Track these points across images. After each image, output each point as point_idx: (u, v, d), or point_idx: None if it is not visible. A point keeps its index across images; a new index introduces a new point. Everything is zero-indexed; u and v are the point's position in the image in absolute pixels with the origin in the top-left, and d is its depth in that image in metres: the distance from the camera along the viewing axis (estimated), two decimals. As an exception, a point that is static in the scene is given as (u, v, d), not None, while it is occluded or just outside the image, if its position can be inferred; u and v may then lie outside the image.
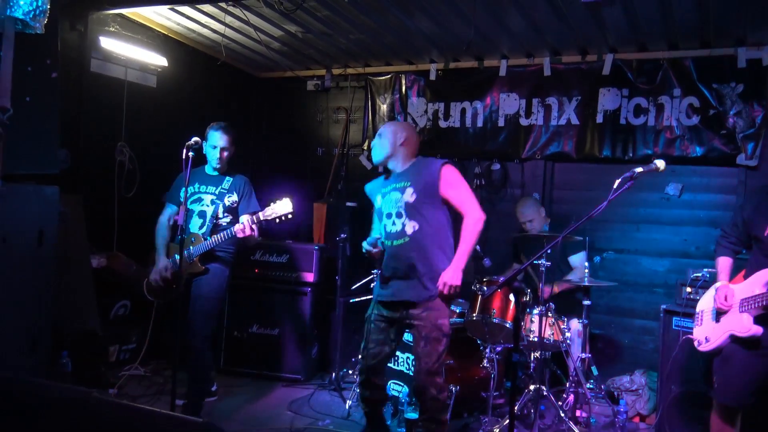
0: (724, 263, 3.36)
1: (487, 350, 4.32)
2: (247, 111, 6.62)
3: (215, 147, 4.10)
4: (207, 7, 4.84)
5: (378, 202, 3.60)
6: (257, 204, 4.19)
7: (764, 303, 2.95)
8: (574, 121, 5.47)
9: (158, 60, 5.44)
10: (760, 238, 3.13)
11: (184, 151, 3.54)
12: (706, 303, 3.37)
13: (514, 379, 2.52)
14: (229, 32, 5.40)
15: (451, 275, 3.28)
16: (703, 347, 3.27)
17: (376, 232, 3.63)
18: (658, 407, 4.15)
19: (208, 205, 4.12)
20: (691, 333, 3.47)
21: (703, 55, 5.03)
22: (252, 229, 3.86)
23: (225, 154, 4.13)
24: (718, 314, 3.23)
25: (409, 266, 3.36)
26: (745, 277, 3.18)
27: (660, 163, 2.78)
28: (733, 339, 3.10)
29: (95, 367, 4.15)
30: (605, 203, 2.60)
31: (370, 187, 3.75)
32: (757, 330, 2.98)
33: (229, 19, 5.05)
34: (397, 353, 4.38)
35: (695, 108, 5.03)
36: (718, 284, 3.30)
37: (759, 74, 4.83)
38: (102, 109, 5.09)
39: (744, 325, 3.02)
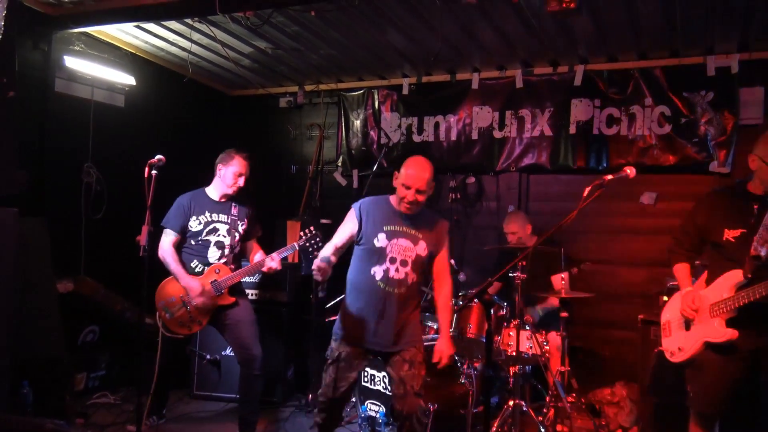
0: (683, 270, 3.31)
1: (465, 366, 4.23)
2: (219, 129, 6.53)
3: (240, 175, 4.13)
4: (174, 24, 4.79)
5: (378, 240, 3.32)
6: (260, 227, 4.39)
7: (736, 305, 2.91)
8: (548, 132, 5.46)
9: (126, 79, 5.35)
10: (719, 244, 3.09)
11: (147, 169, 3.45)
12: (672, 312, 3.32)
13: (487, 394, 2.45)
14: (197, 49, 5.33)
15: (447, 346, 3.32)
16: (677, 358, 3.20)
17: (331, 247, 3.39)
18: (639, 419, 4.08)
19: (224, 236, 4.14)
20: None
21: (672, 64, 5.05)
22: (279, 263, 4.11)
23: (244, 183, 4.17)
24: (688, 322, 3.18)
25: (399, 313, 3.32)
26: (708, 282, 3.14)
27: (630, 170, 2.74)
28: (708, 346, 3.05)
29: (59, 396, 3.99)
30: (575, 212, 2.56)
31: (366, 209, 3.40)
32: (733, 333, 2.93)
33: (196, 36, 4.99)
34: (374, 372, 4.28)
35: (667, 117, 5.04)
36: (682, 291, 3.25)
37: (728, 82, 4.86)
38: (67, 129, 4.97)
39: (718, 331, 2.97)
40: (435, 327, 4.68)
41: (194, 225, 4.08)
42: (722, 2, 4.01)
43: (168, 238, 4.06)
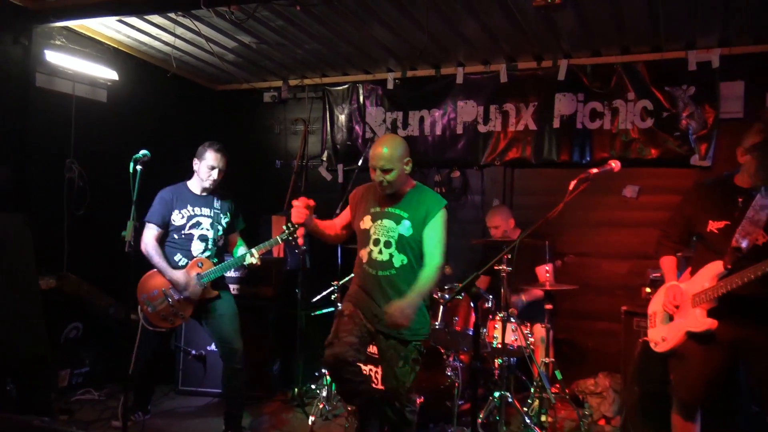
0: (669, 263, 3.35)
1: (451, 359, 4.26)
2: (204, 124, 6.48)
3: (213, 168, 4.06)
4: (157, 18, 4.74)
5: (364, 222, 3.30)
6: (242, 220, 4.37)
7: (715, 295, 2.96)
8: (532, 126, 5.50)
9: (108, 74, 5.29)
10: (703, 235, 3.14)
11: (132, 164, 3.43)
12: (657, 304, 3.37)
13: (475, 386, 2.47)
14: (180, 44, 5.29)
15: (400, 311, 2.96)
16: (660, 348, 3.26)
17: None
18: (622, 409, 4.14)
19: (208, 229, 4.13)
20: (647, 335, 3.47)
21: (654, 58, 5.10)
22: (259, 259, 4.09)
23: (221, 176, 4.10)
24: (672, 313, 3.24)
25: (391, 299, 3.11)
26: (692, 273, 3.20)
27: (615, 163, 2.77)
28: (690, 335, 3.10)
29: (44, 393, 3.96)
30: (560, 205, 2.57)
31: (358, 194, 3.44)
32: (712, 323, 2.99)
33: (180, 31, 4.95)
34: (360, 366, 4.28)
35: (649, 111, 5.09)
36: (667, 285, 3.31)
37: (709, 77, 4.92)
38: (49, 125, 4.92)
39: (699, 320, 3.03)
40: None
41: (177, 219, 4.07)
42: (703, -2, 4.06)
43: (150, 233, 4.04)
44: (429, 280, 3.12)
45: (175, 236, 4.09)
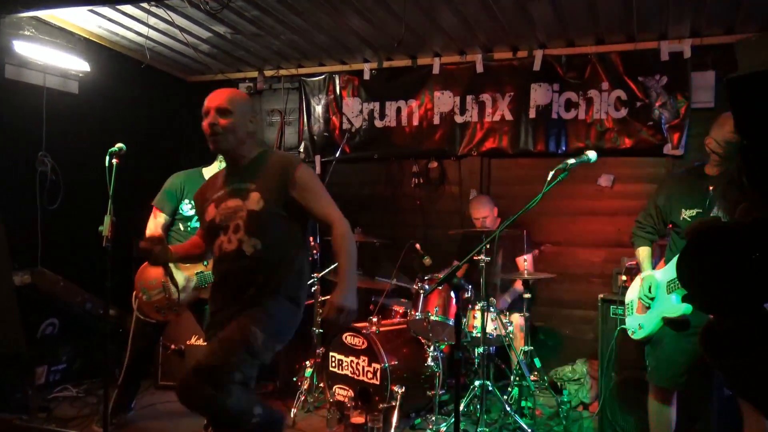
0: (644, 253, 3.45)
1: (431, 349, 4.29)
2: (177, 116, 6.42)
3: None
4: (129, 9, 4.65)
5: (208, 213, 2.69)
6: None
7: None
8: (508, 116, 5.53)
9: (80, 65, 5.19)
10: (676, 223, 3.26)
11: (107, 158, 3.38)
12: (634, 293, 3.45)
13: (457, 376, 2.50)
14: (153, 34, 5.20)
15: (344, 298, 2.45)
16: (638, 335, 3.34)
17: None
18: (600, 395, 4.22)
19: None
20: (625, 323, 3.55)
21: (628, 49, 5.16)
22: None
23: None
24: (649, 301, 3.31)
25: (245, 294, 2.58)
26: (666, 261, 3.28)
27: (591, 154, 2.81)
28: (666, 321, 3.17)
29: (21, 390, 3.90)
30: (539, 196, 2.61)
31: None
32: (687, 308, 3.06)
33: (153, 21, 4.87)
34: (341, 357, 4.31)
35: (623, 101, 5.15)
36: (642, 274, 3.38)
37: (681, 67, 4.99)
38: (19, 117, 4.82)
39: (674, 306, 3.11)
40: (401, 311, 4.75)
41: (186, 209, 3.97)
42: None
43: (158, 221, 3.94)
44: (347, 244, 2.58)
45: (181, 227, 4.00)
